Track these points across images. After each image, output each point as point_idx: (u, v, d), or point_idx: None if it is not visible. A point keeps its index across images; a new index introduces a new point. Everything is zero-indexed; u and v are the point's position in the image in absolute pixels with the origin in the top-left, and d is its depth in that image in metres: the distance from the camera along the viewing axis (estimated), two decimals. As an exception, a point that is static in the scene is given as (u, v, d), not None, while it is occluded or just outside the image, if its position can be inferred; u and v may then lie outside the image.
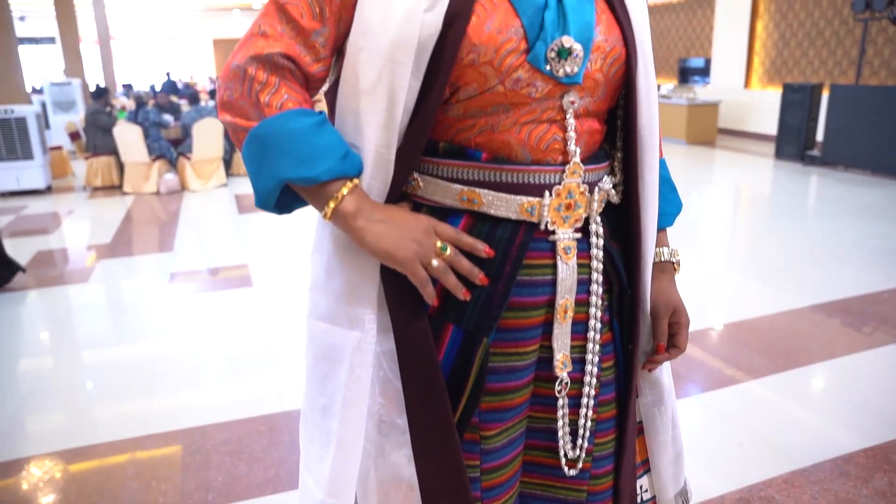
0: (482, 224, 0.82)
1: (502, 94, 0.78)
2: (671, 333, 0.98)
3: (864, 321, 3.39)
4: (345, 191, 0.78)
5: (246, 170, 0.82)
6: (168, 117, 7.98)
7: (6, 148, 7.07)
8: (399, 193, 0.83)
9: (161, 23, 22.43)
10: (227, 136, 7.37)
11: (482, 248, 0.81)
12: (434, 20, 0.75)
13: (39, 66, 20.67)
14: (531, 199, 0.81)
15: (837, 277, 4.06)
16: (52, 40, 19.68)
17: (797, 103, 8.34)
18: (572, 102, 0.81)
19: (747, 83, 10.85)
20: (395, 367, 0.84)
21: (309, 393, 0.92)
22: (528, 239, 0.83)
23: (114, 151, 7.33)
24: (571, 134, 0.82)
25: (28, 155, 7.16)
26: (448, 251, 0.79)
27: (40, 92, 12.35)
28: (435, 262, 0.78)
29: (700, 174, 8.28)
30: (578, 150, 0.83)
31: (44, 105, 10.31)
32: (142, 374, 2.98)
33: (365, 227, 0.78)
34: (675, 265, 1.01)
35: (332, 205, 0.78)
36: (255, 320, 3.58)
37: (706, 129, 10.23)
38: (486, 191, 0.81)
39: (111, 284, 4.37)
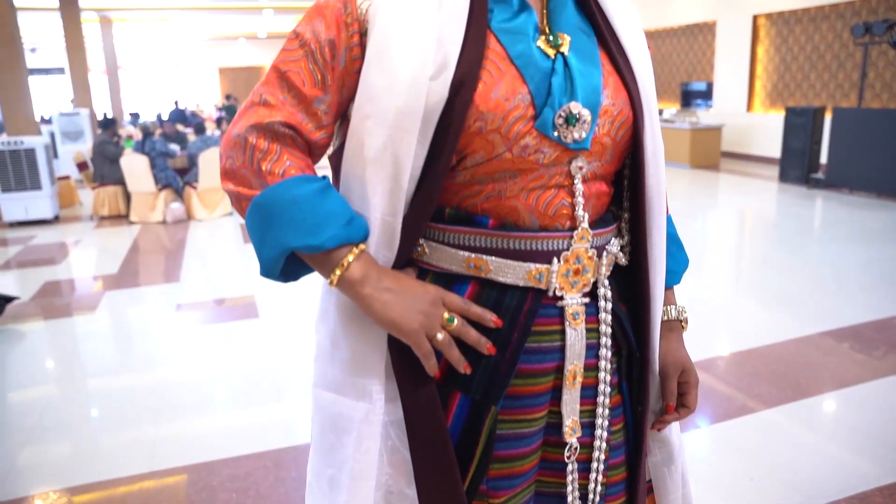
0: (489, 291, 0.81)
1: (510, 160, 0.78)
2: (680, 393, 0.97)
3: (874, 348, 3.36)
4: (350, 257, 0.77)
5: (250, 238, 0.81)
6: (174, 147, 8.06)
7: (15, 178, 7.14)
8: (405, 260, 0.82)
9: (168, 52, 22.75)
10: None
11: (490, 319, 0.80)
12: (440, 88, 0.74)
13: (49, 96, 20.95)
14: (539, 265, 0.81)
15: (845, 303, 4.04)
16: (61, 70, 19.97)
17: (800, 126, 8.37)
18: (580, 168, 0.81)
19: (750, 106, 10.91)
20: (404, 436, 0.83)
21: (315, 463, 0.90)
22: (537, 306, 0.82)
23: (120, 181, 7.39)
24: (579, 199, 0.81)
25: (36, 185, 7.22)
26: (455, 322, 0.78)
27: (49, 122, 12.49)
28: (440, 336, 0.77)
29: (704, 198, 8.28)
30: (587, 216, 0.82)
31: (52, 135, 10.42)
32: (148, 407, 2.97)
33: (372, 295, 0.77)
34: (684, 323, 1.00)
35: (338, 272, 0.77)
36: (262, 352, 3.58)
37: (709, 153, 10.26)
38: (493, 258, 0.80)
39: (118, 316, 4.37)
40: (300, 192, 0.76)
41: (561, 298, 0.83)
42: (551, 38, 0.81)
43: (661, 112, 11.22)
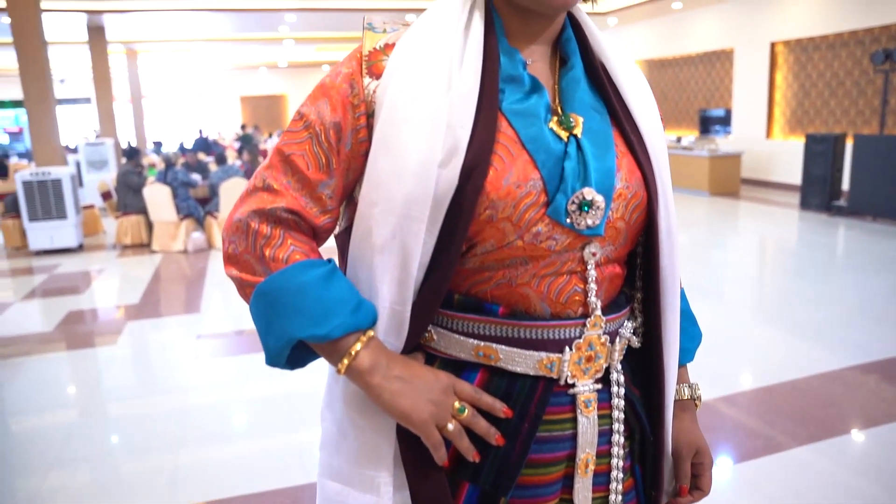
0: (499, 379, 0.79)
1: (521, 248, 0.76)
2: (694, 474, 0.95)
3: (901, 385, 3.29)
4: (358, 346, 0.75)
5: (255, 326, 0.78)
6: (196, 177, 8.19)
7: (42, 208, 7.29)
8: (414, 347, 0.80)
9: (190, 81, 23.21)
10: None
11: (501, 409, 0.78)
12: (450, 175, 0.72)
13: (76, 125, 21.43)
14: (551, 355, 0.78)
15: (871, 336, 3.96)
16: (88, 100, 20.45)
17: (821, 153, 8.31)
18: (594, 254, 0.79)
19: (769, 133, 10.86)
20: None
21: None
22: (548, 395, 0.79)
23: (143, 210, 7.51)
24: (592, 285, 0.79)
25: (62, 214, 7.36)
26: (466, 412, 0.76)
27: (75, 151, 12.77)
28: (451, 426, 0.76)
29: (724, 226, 8.22)
30: (599, 303, 0.80)
31: (78, 164, 10.65)
32: (168, 437, 2.98)
33: (382, 384, 0.75)
34: (697, 401, 0.98)
35: (346, 361, 0.75)
36: (281, 384, 3.59)
37: (729, 180, 10.20)
38: (503, 346, 0.78)
39: (139, 347, 4.42)
40: (305, 278, 0.75)
41: (573, 386, 0.81)
42: (564, 119, 0.79)
43: (679, 139, 11.20)
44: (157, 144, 15.50)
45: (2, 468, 2.82)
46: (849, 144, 8.58)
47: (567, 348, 0.79)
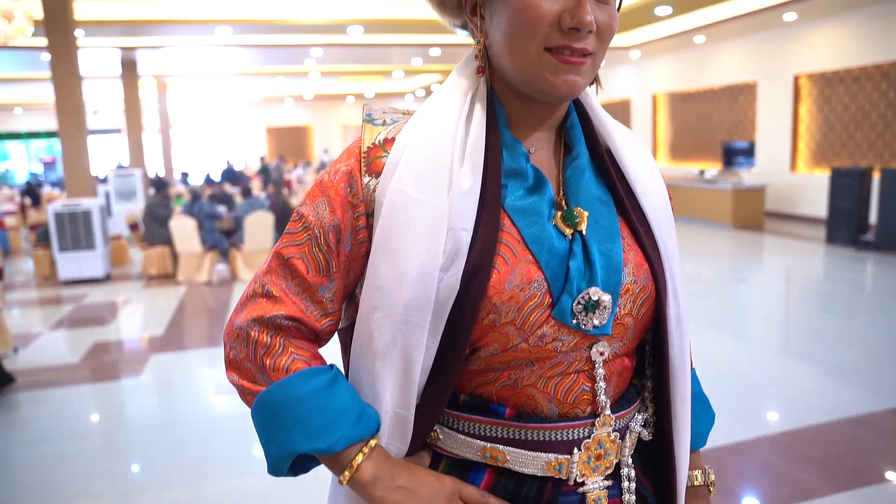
0: (507, 480, 0.77)
1: (526, 350, 0.74)
2: None
3: (934, 432, 3.20)
4: (360, 458, 0.73)
5: (257, 434, 0.77)
6: (221, 209, 8.32)
7: (72, 239, 7.46)
8: (419, 447, 0.78)
9: (218, 112, 23.72)
10: (277, 226, 7.61)
11: None
12: (452, 279, 0.71)
13: (107, 155, 21.95)
14: (559, 456, 0.76)
15: (902, 380, 3.87)
16: (118, 131, 20.96)
17: (847, 187, 8.22)
18: (601, 353, 0.77)
19: (793, 166, 10.78)
20: None
21: None
22: (556, 495, 0.77)
23: (169, 242, 7.64)
24: (601, 384, 0.77)
25: (90, 245, 7.52)
26: None
27: (105, 181, 13.07)
28: None
29: (749, 261, 8.13)
30: (609, 402, 0.78)
31: (107, 194, 10.90)
32: (191, 471, 2.99)
33: (385, 496, 0.73)
34: (711, 487, 0.95)
35: (347, 473, 0.73)
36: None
37: (753, 214, 10.11)
38: (510, 448, 0.76)
39: (163, 380, 4.46)
40: (306, 389, 0.74)
41: (582, 484, 0.78)
42: (568, 214, 0.77)
43: (702, 172, 11.15)
44: (185, 175, 15.82)
45: (27, 498, 2.85)
46: (875, 178, 8.48)
47: (576, 449, 0.77)
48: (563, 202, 0.79)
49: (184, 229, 7.30)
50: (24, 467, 3.20)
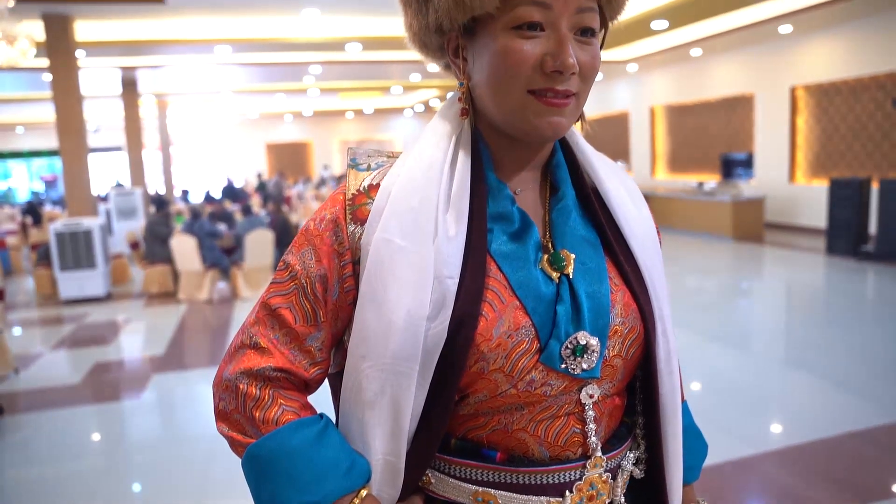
0: None
1: (515, 395, 0.74)
2: None
3: (938, 445, 3.19)
4: None
5: (247, 485, 0.77)
6: (222, 227, 8.34)
7: (73, 258, 7.47)
8: (410, 493, 0.78)
9: (218, 129, 23.83)
10: (277, 244, 7.62)
11: None
12: (439, 329, 0.70)
13: (107, 173, 22.02)
14: (551, 499, 0.76)
15: (905, 392, 3.86)
16: (119, 148, 21.05)
17: (846, 198, 8.24)
18: (591, 396, 0.77)
19: (792, 177, 10.80)
20: None
21: None
22: None
23: (170, 260, 7.65)
24: (591, 425, 0.76)
25: (91, 264, 7.53)
26: None
27: (106, 199, 13.10)
28: None
29: (749, 273, 8.13)
30: (600, 444, 0.77)
31: (108, 213, 10.93)
32: (192, 492, 2.98)
33: None
34: None
35: None
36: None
37: (752, 225, 10.12)
38: (501, 492, 0.75)
39: (164, 401, 4.45)
40: (295, 442, 0.74)
41: None
42: (555, 258, 0.77)
43: (701, 184, 11.17)
44: (185, 193, 15.87)
45: (27, 528, 2.84)
46: (874, 188, 8.50)
47: (567, 491, 0.76)
48: (550, 244, 0.79)
49: (184, 248, 7.31)
50: (26, 489, 3.18)
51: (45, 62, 7.83)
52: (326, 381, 0.87)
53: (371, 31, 9.23)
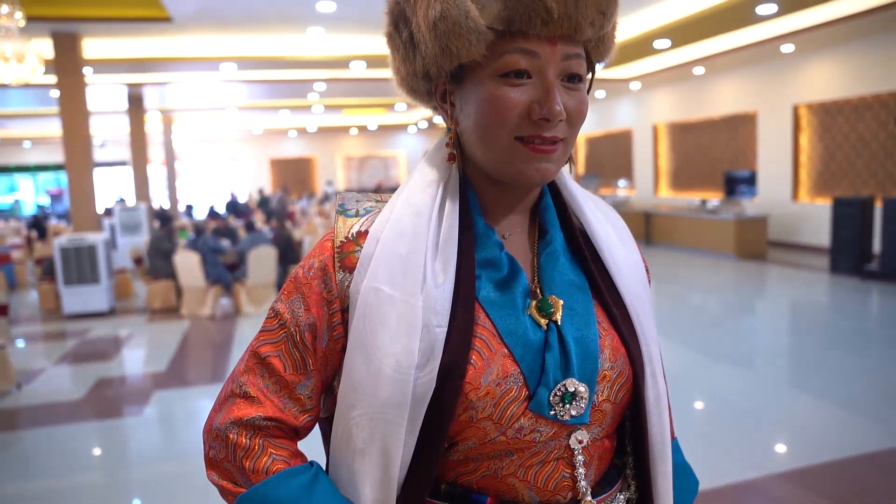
0: None
1: (504, 442, 0.74)
2: None
3: (944, 469, 3.16)
4: None
5: None
6: (225, 243, 8.37)
7: (77, 273, 7.49)
8: None
9: (223, 144, 23.97)
10: (280, 260, 7.64)
11: None
12: (428, 377, 0.71)
13: (113, 187, 22.15)
14: None
15: (910, 414, 3.83)
16: (124, 163, 21.18)
17: (850, 217, 8.24)
18: (580, 441, 0.77)
19: (795, 196, 10.81)
20: None
21: None
22: None
23: (173, 275, 7.66)
24: (581, 470, 0.76)
25: (95, 279, 7.55)
26: None
27: (110, 214, 13.17)
28: None
29: (752, 292, 8.11)
30: (589, 488, 0.77)
31: (113, 228, 10.97)
32: (190, 521, 2.97)
33: None
34: None
35: None
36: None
37: (755, 243, 10.11)
38: None
39: (165, 418, 4.44)
40: (286, 491, 0.73)
41: None
42: (542, 305, 0.77)
43: (704, 202, 11.18)
44: (189, 208, 15.94)
45: (26, 547, 2.83)
46: (878, 207, 8.50)
47: None
48: (538, 290, 0.79)
49: (187, 263, 7.33)
50: (25, 509, 3.18)
51: (53, 79, 7.91)
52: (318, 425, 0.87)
53: (375, 49, 9.30)
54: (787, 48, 9.83)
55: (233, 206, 15.97)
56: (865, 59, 9.33)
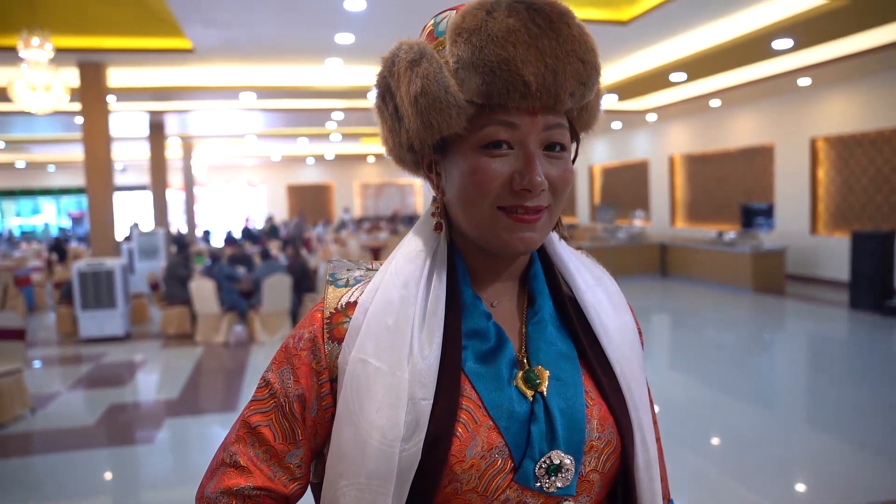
0: None
1: None
2: None
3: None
4: None
5: None
6: (240, 270, 8.43)
7: (94, 297, 7.58)
8: None
9: (241, 171, 24.28)
10: (294, 289, 7.67)
11: None
12: (413, 450, 0.71)
13: (132, 211, 22.47)
14: None
15: (932, 458, 3.74)
16: (144, 187, 21.50)
17: (869, 252, 8.14)
18: None
19: (814, 229, 10.71)
20: None
21: None
22: None
23: (188, 301, 7.72)
24: None
25: (111, 304, 7.63)
26: None
27: (129, 238, 13.34)
28: None
29: (772, 327, 8.00)
30: None
31: (131, 252, 11.11)
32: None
33: None
34: None
35: None
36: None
37: (773, 277, 9.99)
38: None
39: (177, 446, 4.44)
40: None
41: None
42: (528, 376, 0.77)
43: (720, 234, 11.09)
44: (207, 233, 16.11)
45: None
46: (898, 242, 8.39)
47: None
48: (525, 359, 0.79)
49: (203, 290, 7.38)
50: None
51: (78, 106, 8.10)
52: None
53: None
54: (804, 81, 9.83)
55: (247, 233, 16.12)
56: (883, 93, 9.30)
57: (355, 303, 0.79)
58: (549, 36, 0.70)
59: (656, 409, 0.89)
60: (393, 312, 0.76)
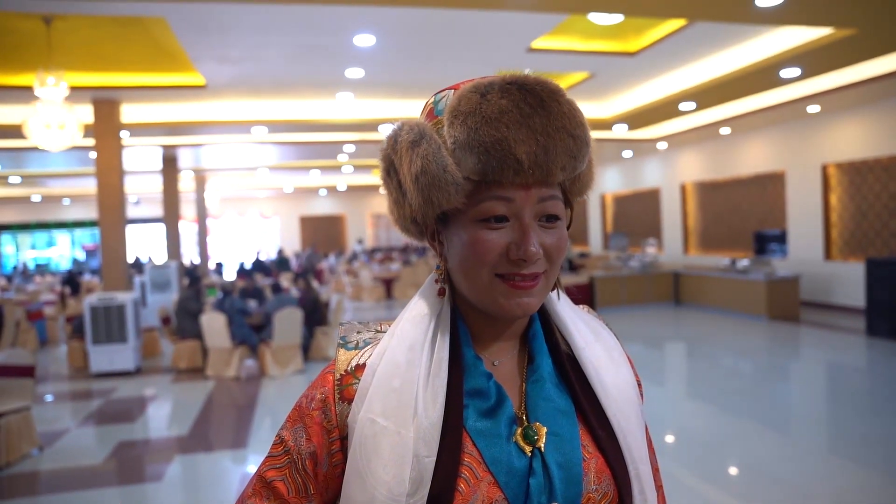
0: None
1: None
2: None
3: None
4: None
5: None
6: (252, 304, 8.43)
7: (105, 332, 7.59)
8: None
9: (254, 202, 24.49)
10: (306, 322, 7.66)
11: None
12: None
13: (146, 243, 22.67)
14: None
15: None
16: (158, 219, 21.72)
17: (885, 278, 8.03)
18: None
19: (828, 255, 10.60)
20: None
21: None
22: None
23: (200, 335, 7.71)
24: None
25: (122, 338, 7.64)
26: None
27: (141, 271, 13.42)
28: None
29: (787, 355, 7.88)
30: None
31: (143, 285, 11.16)
32: None
33: None
34: None
35: None
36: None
37: (788, 304, 9.87)
38: None
39: (187, 484, 4.39)
40: None
41: None
42: (527, 432, 0.81)
43: (733, 262, 10.99)
44: (219, 266, 16.20)
45: None
46: (915, 269, 8.27)
47: None
48: (524, 416, 0.82)
49: (214, 325, 7.38)
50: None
51: (91, 141, 8.21)
52: None
53: (402, 112, 9.52)
54: (814, 108, 9.82)
55: (258, 265, 16.18)
56: (894, 119, 9.27)
57: (364, 365, 0.84)
58: (540, 114, 0.75)
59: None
60: (399, 375, 0.80)
